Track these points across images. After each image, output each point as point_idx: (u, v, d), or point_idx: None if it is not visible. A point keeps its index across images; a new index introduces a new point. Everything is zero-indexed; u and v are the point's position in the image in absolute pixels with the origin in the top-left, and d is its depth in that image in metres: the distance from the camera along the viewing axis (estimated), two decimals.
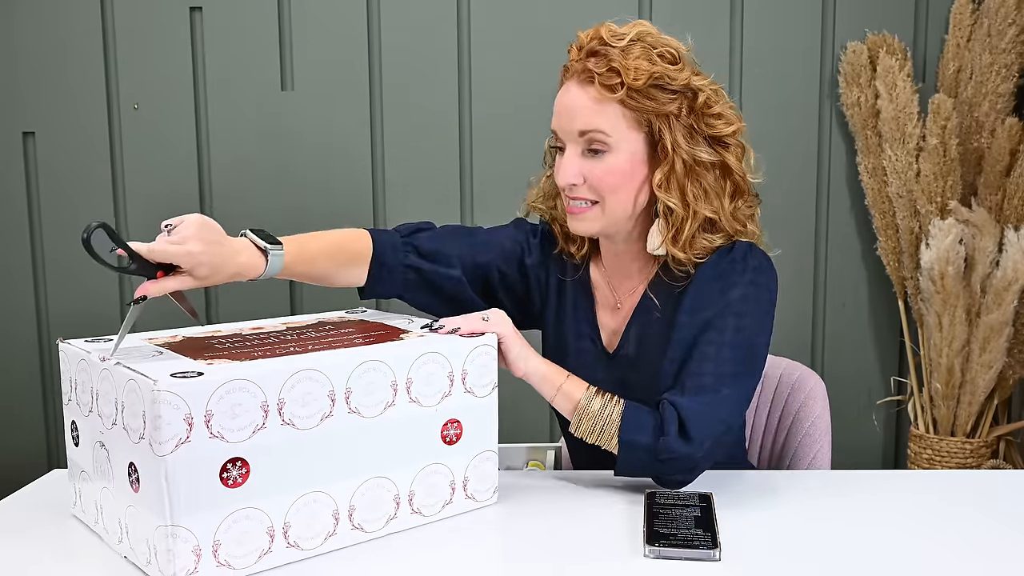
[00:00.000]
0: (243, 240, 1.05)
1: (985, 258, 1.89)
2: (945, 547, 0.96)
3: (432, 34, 2.06)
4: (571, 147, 1.12)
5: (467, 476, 1.05)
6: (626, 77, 1.06)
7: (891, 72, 1.95)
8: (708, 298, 1.12)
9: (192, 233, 0.97)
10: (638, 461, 1.08)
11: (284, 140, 2.08)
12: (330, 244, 1.15)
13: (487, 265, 1.24)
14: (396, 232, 1.22)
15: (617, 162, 1.10)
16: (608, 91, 1.07)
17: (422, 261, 1.20)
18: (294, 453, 0.90)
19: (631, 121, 1.09)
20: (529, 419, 2.13)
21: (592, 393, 1.09)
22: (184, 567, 0.84)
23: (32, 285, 2.13)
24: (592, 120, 1.09)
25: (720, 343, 1.10)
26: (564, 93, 1.13)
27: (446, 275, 1.21)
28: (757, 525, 1.02)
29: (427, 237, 1.22)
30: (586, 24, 1.14)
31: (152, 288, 0.96)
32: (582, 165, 1.11)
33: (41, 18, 2.05)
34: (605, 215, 1.13)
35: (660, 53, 1.09)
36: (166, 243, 0.96)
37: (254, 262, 1.04)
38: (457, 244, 1.23)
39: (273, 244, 1.05)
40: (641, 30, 1.10)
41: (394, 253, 1.19)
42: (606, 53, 1.08)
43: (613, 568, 0.91)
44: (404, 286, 1.21)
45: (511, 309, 1.24)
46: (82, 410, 0.97)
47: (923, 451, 2.02)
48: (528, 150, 2.09)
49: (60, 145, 2.09)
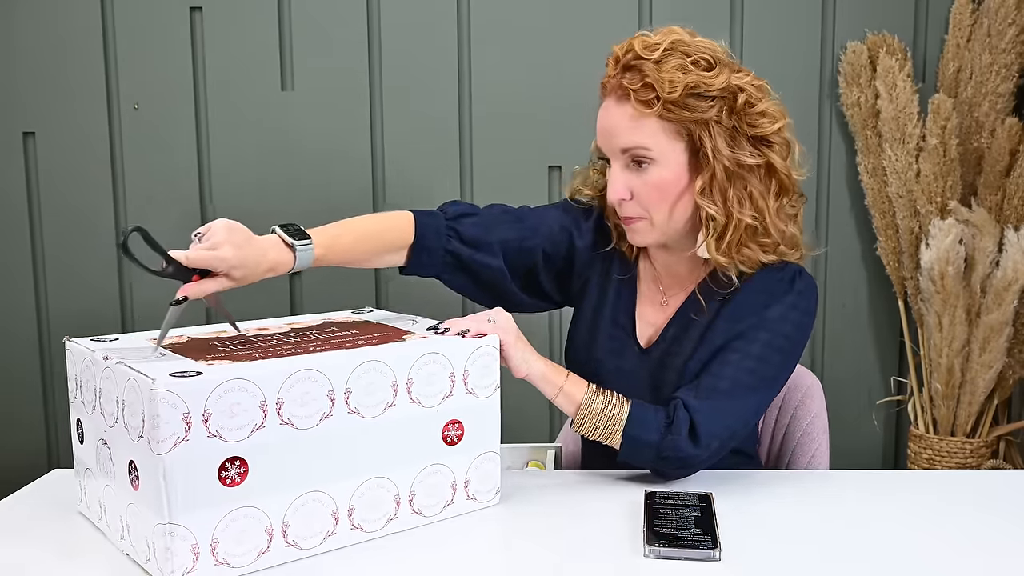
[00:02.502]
0: (271, 237, 1.06)
1: (985, 258, 1.89)
2: (945, 547, 0.96)
3: (432, 34, 2.06)
4: (616, 164, 1.13)
5: (468, 477, 1.05)
6: (661, 91, 1.06)
7: (891, 72, 1.95)
8: (748, 310, 1.14)
9: (223, 238, 1.00)
10: (640, 456, 1.10)
11: (284, 140, 2.08)
12: (368, 232, 1.15)
13: (532, 249, 1.24)
14: (441, 214, 1.22)
15: (662, 174, 1.10)
16: (644, 106, 1.07)
17: (463, 247, 1.20)
18: (293, 453, 0.90)
19: (671, 132, 1.09)
20: (529, 419, 2.14)
21: (593, 392, 1.10)
22: (182, 565, 0.84)
23: (32, 284, 2.13)
24: (632, 137, 1.09)
25: (745, 353, 1.11)
26: (603, 111, 1.13)
27: (485, 263, 1.21)
28: (757, 525, 1.02)
29: (471, 223, 1.22)
30: (587, 24, 1.14)
31: (192, 290, 0.99)
32: (629, 179, 1.12)
33: (41, 18, 2.05)
34: (656, 227, 1.14)
35: (694, 60, 1.08)
36: (199, 250, 0.99)
37: (283, 258, 1.05)
38: (501, 230, 1.23)
39: (301, 239, 1.06)
40: (674, 39, 1.09)
41: (436, 237, 1.19)
42: (640, 67, 1.08)
43: (613, 568, 0.91)
44: (443, 268, 1.22)
45: (551, 289, 1.26)
46: (86, 408, 0.98)
47: (923, 451, 2.02)
48: (528, 150, 2.09)
49: (60, 145, 2.09)
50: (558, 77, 2.05)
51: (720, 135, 1.08)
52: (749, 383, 1.11)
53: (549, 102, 2.07)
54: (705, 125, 1.08)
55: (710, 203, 1.10)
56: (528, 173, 2.09)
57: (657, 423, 1.09)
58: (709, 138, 1.08)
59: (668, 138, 1.09)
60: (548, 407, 2.14)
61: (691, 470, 1.11)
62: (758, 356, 1.11)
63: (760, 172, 1.11)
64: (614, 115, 1.11)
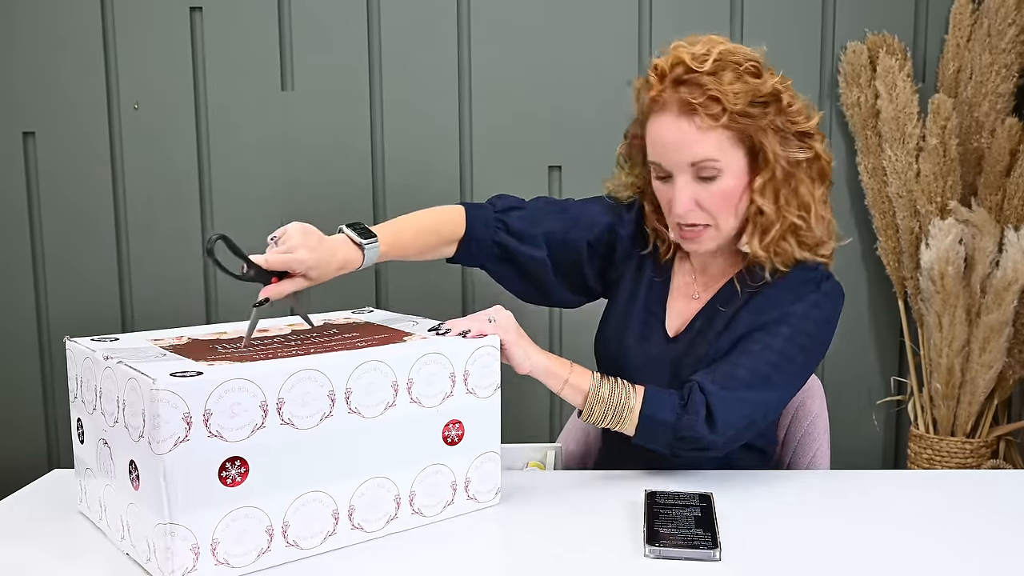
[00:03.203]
0: (340, 237, 1.12)
1: (985, 258, 1.89)
2: (945, 547, 0.96)
3: (432, 34, 2.06)
4: (681, 177, 1.14)
5: (468, 477, 1.05)
6: (726, 103, 1.08)
7: (891, 72, 1.95)
8: (773, 304, 1.16)
9: (298, 241, 1.05)
10: (656, 436, 1.11)
11: (284, 140, 2.08)
12: (426, 227, 1.22)
13: (577, 240, 1.29)
14: (491, 206, 1.29)
15: (728, 183, 1.13)
16: (712, 119, 1.09)
17: (510, 238, 1.27)
18: (293, 453, 0.90)
19: (734, 140, 1.11)
20: (529, 419, 2.14)
21: (599, 380, 1.11)
22: (182, 565, 0.84)
23: (32, 284, 2.13)
24: (700, 150, 1.11)
25: (766, 345, 1.14)
26: (660, 126, 1.13)
27: (530, 255, 1.27)
28: (757, 525, 1.02)
29: (519, 216, 1.28)
30: (587, 24, 1.14)
31: (273, 291, 1.05)
32: (695, 191, 1.13)
33: (41, 18, 2.05)
34: (720, 233, 1.17)
35: (746, 69, 1.10)
36: (277, 254, 1.05)
37: (353, 256, 1.12)
38: (547, 222, 1.28)
39: (368, 238, 1.13)
40: (722, 49, 1.11)
41: (485, 229, 1.26)
42: (697, 81, 1.09)
43: (613, 568, 0.91)
44: (489, 258, 1.28)
45: (594, 280, 1.31)
46: (87, 407, 0.98)
47: (923, 451, 2.02)
48: (528, 151, 2.09)
49: (60, 145, 2.09)
50: (558, 77, 2.05)
51: (773, 136, 1.11)
52: (766, 374, 1.12)
53: (549, 102, 2.06)
54: (763, 130, 1.11)
55: (765, 201, 1.13)
56: (528, 173, 2.08)
57: (672, 404, 1.11)
58: (767, 140, 1.11)
59: (732, 146, 1.12)
60: (548, 407, 2.14)
61: (705, 453, 1.12)
62: (779, 350, 1.13)
63: (807, 166, 1.15)
64: (676, 130, 1.11)
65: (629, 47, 2.04)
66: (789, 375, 1.15)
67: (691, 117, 1.10)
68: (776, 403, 1.17)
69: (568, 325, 2.11)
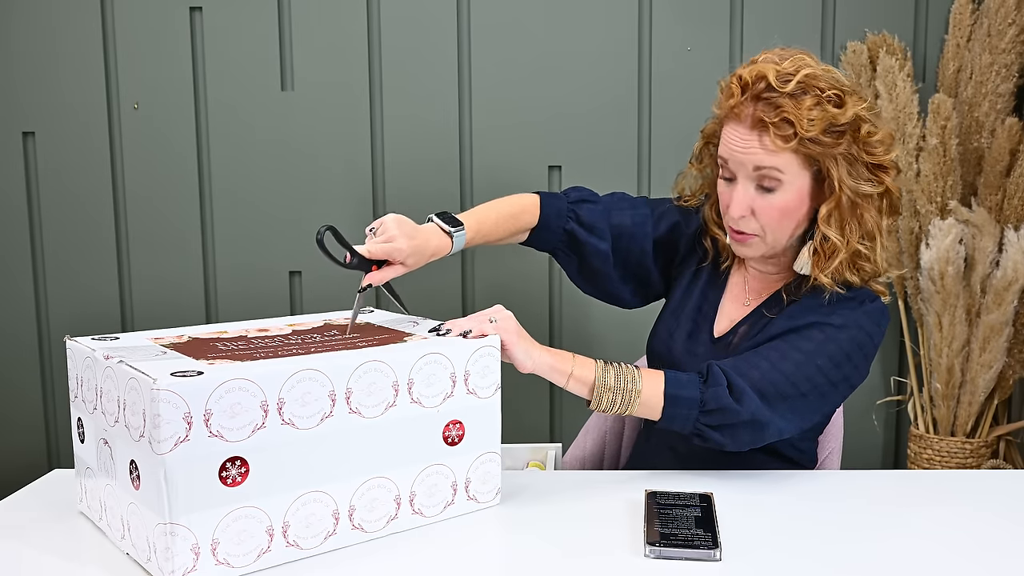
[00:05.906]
0: (431, 226, 1.21)
1: (985, 258, 1.89)
2: (945, 547, 0.96)
3: (432, 34, 2.06)
4: (743, 182, 1.15)
5: (469, 477, 1.05)
6: (800, 128, 1.08)
7: (891, 72, 1.95)
8: (811, 312, 1.17)
9: (396, 232, 1.15)
10: (682, 413, 1.11)
11: (284, 140, 2.08)
12: (506, 215, 1.29)
13: (643, 237, 1.33)
14: (564, 196, 1.34)
15: (786, 199, 1.13)
16: (782, 140, 1.10)
17: (580, 228, 1.32)
18: (294, 453, 0.90)
19: (802, 161, 1.12)
20: (529, 419, 2.14)
21: (603, 367, 1.11)
22: (183, 565, 0.84)
23: (32, 285, 2.13)
24: (767, 159, 1.12)
25: (794, 346, 1.14)
26: (733, 135, 1.14)
27: (595, 247, 1.32)
28: (757, 525, 1.02)
29: (590, 209, 1.33)
30: (587, 24, 1.14)
31: (375, 278, 1.15)
32: (753, 198, 1.15)
33: (41, 18, 2.05)
34: (767, 244, 1.18)
35: (828, 97, 1.10)
36: (377, 244, 1.14)
37: (443, 243, 1.21)
38: (617, 216, 1.33)
39: (456, 227, 1.22)
40: (808, 72, 1.10)
41: (557, 218, 1.32)
42: (777, 101, 1.09)
43: (613, 568, 0.91)
44: (558, 245, 1.34)
45: (657, 276, 1.35)
46: (87, 407, 0.98)
47: (923, 451, 2.02)
48: (528, 150, 2.09)
49: (60, 145, 2.09)
50: (558, 77, 2.05)
51: (843, 165, 1.12)
52: (788, 372, 1.12)
53: (549, 102, 2.06)
54: (833, 157, 1.11)
55: (830, 229, 1.14)
56: (528, 173, 2.08)
57: (692, 380, 1.12)
58: (836, 168, 1.11)
59: (799, 166, 1.12)
60: (548, 407, 2.14)
61: (734, 430, 1.11)
62: (805, 351, 1.13)
63: (875, 199, 1.15)
64: (749, 142, 1.12)
65: (629, 47, 2.04)
66: (819, 384, 1.14)
67: (762, 134, 1.11)
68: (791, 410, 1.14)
69: (568, 325, 2.11)
